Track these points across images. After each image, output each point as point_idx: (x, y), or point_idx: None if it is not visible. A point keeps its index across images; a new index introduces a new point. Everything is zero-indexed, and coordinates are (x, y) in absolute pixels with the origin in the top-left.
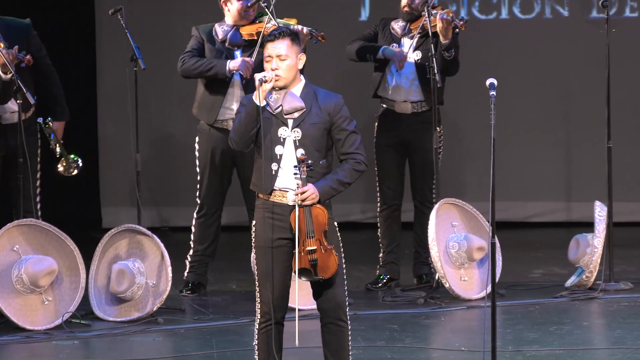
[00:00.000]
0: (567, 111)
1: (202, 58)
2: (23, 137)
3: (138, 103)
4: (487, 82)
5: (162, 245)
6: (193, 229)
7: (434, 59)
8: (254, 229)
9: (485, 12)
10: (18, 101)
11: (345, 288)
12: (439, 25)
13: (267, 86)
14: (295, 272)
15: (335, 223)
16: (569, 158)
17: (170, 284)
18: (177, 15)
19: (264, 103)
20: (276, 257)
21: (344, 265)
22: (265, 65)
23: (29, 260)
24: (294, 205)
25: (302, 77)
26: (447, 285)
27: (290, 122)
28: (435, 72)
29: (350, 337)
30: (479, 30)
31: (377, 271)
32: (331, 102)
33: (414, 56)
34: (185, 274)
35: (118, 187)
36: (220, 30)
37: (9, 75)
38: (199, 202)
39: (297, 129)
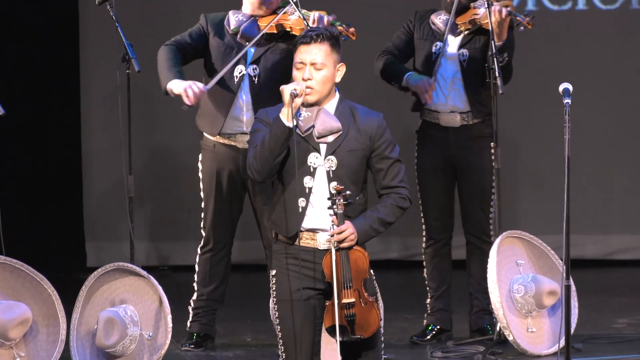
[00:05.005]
0: None
1: (169, 58)
2: None
3: (131, 113)
4: (561, 88)
5: (159, 288)
6: (197, 268)
7: (494, 59)
8: (273, 280)
9: (558, 1)
10: None
11: (382, 347)
12: (494, 20)
13: (298, 101)
14: (330, 330)
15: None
16: None
17: (169, 336)
18: (179, 5)
19: (294, 123)
20: (305, 313)
21: (382, 319)
22: (295, 73)
23: None
24: (326, 249)
25: (336, 91)
26: (510, 338)
27: (323, 148)
28: (497, 75)
29: None
30: (550, 24)
31: (425, 321)
32: (372, 124)
33: (459, 56)
34: (189, 323)
35: (106, 217)
36: (233, 20)
37: None
38: (203, 234)
39: (332, 157)
